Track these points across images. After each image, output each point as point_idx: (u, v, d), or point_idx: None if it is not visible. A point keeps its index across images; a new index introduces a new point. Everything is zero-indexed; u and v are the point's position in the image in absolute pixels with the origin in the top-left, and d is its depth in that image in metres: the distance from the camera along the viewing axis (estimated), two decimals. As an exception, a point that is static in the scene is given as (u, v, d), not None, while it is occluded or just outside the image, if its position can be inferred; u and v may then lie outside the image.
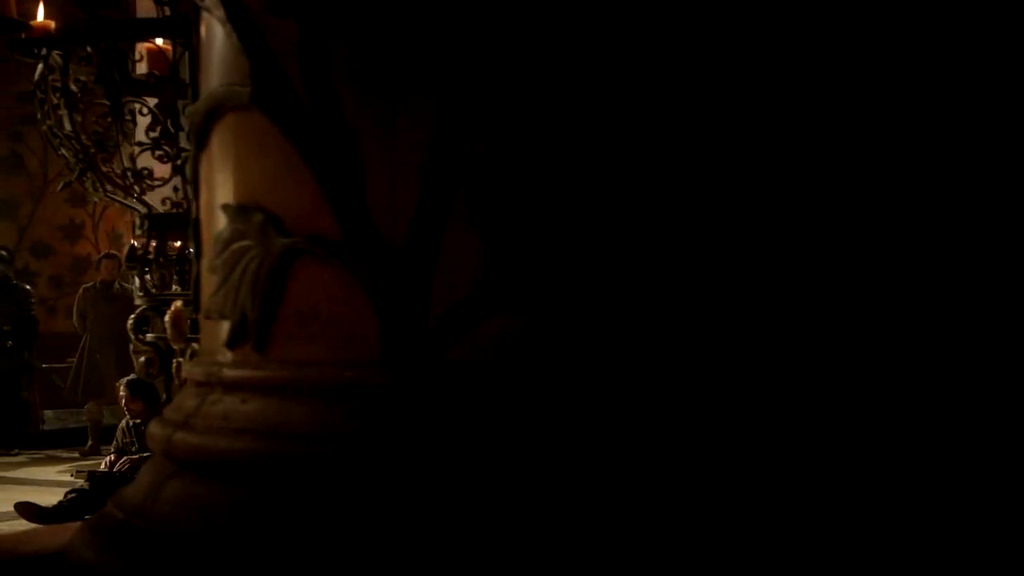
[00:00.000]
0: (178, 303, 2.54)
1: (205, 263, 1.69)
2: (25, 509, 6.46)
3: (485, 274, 1.32)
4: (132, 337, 2.81)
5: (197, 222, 1.73)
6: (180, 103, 2.45)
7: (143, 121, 2.82)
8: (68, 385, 10.59)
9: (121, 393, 7.15)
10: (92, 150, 2.58)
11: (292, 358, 1.46)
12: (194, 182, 1.76)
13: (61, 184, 2.82)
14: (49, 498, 7.29)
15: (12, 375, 10.50)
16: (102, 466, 7.05)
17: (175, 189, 2.72)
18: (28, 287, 10.96)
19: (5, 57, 11.96)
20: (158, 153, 2.60)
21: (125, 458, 6.85)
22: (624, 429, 1.31)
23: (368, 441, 1.35)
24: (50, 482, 8.55)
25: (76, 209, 12.25)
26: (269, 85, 1.46)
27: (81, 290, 10.80)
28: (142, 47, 2.74)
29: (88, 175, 2.59)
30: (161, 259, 2.65)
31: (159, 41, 2.93)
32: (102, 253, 11.86)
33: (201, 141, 1.65)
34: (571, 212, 1.32)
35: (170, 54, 2.74)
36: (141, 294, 2.67)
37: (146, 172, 2.62)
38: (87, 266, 12.21)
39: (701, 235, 1.32)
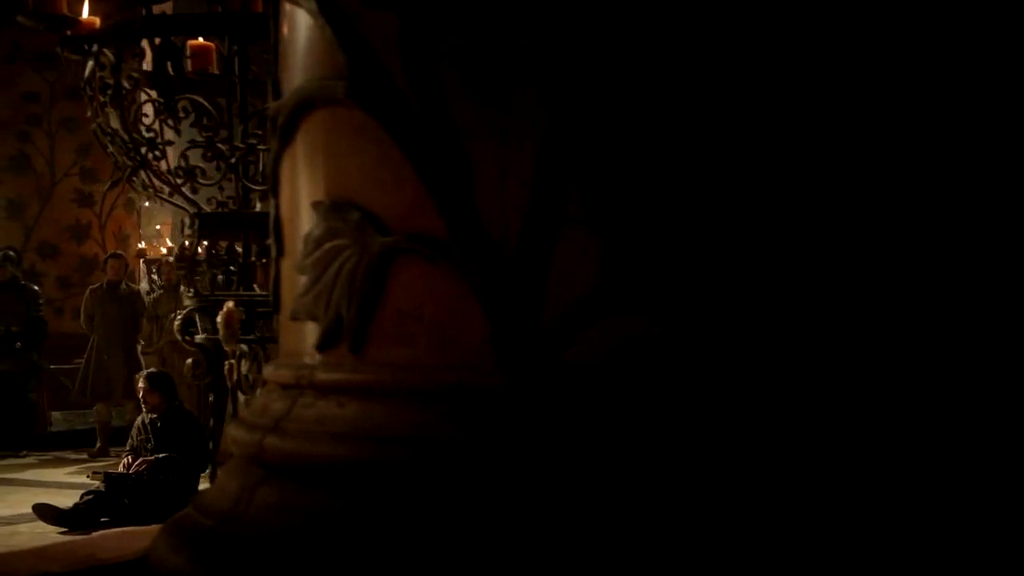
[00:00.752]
0: (230, 304, 2.49)
1: (287, 263, 1.65)
2: (43, 511, 6.43)
3: (602, 274, 1.28)
4: (179, 338, 2.76)
5: (278, 221, 1.69)
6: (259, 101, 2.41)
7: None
8: (76, 387, 10.55)
9: (140, 385, 7.11)
10: (143, 148, 2.53)
11: (391, 360, 1.42)
12: (273, 180, 1.72)
13: (109, 183, 2.76)
14: (61, 500, 7.26)
15: (20, 376, 10.46)
16: (119, 467, 7.01)
17: (220, 188, 2.67)
18: (36, 288, 10.91)
19: (11, 57, 11.99)
20: (209, 152, 2.55)
21: (142, 459, 6.82)
22: (739, 434, 1.27)
23: (478, 446, 1.31)
24: (61, 484, 8.51)
25: (83, 210, 12.21)
26: (367, 79, 1.42)
27: (88, 291, 10.76)
28: (189, 44, 2.68)
29: (139, 174, 2.54)
30: (212, 259, 2.60)
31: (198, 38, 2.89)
32: (108, 253, 11.83)
33: (285, 138, 1.61)
34: (689, 211, 1.28)
35: (213, 51, 2.69)
36: (191, 294, 2.62)
37: (199, 171, 2.58)
38: (94, 267, 12.18)
39: (805, 238, 1.28)
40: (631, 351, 1.29)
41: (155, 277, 12.44)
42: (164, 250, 13.09)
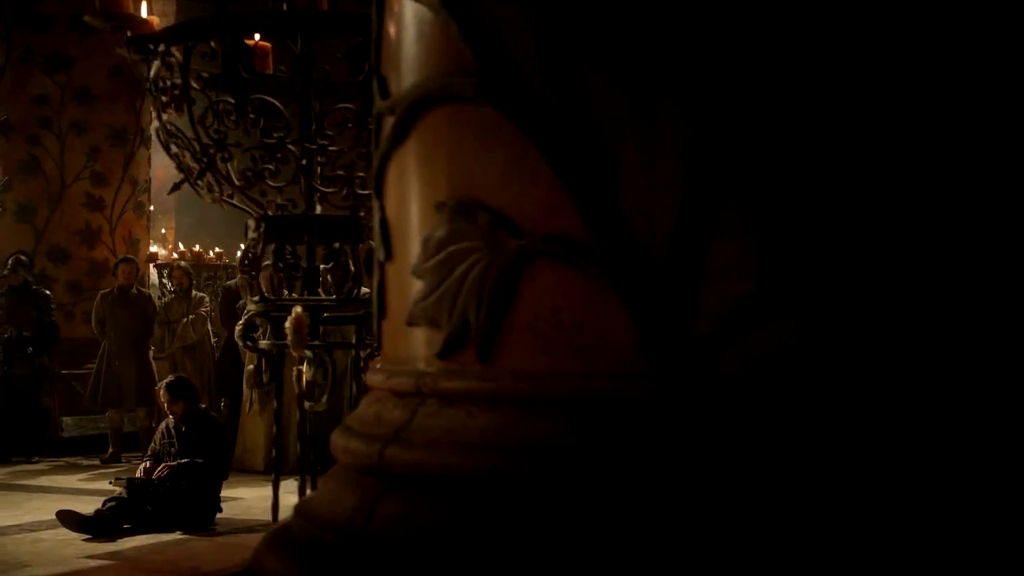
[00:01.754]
0: (298, 308, 2.43)
1: (396, 267, 1.60)
2: (66, 518, 6.36)
3: (761, 277, 1.22)
4: (240, 343, 2.69)
5: (385, 224, 1.63)
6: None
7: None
8: (87, 393, 10.47)
9: (162, 398, 7.04)
10: (212, 150, 2.46)
11: (525, 368, 1.36)
12: (379, 181, 1.66)
13: (172, 185, 2.70)
14: (80, 506, 7.19)
15: (32, 381, 10.38)
16: (137, 472, 6.94)
17: (278, 190, 2.61)
18: (48, 292, 10.84)
19: (23, 58, 11.93)
20: (279, 153, 2.49)
21: (164, 465, 6.75)
22: (899, 442, 1.22)
23: (625, 457, 1.25)
24: (78, 490, 8.44)
25: (93, 214, 12.14)
26: (499, 75, 1.37)
27: (99, 296, 10.68)
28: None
29: (207, 176, 2.48)
30: (280, 263, 2.54)
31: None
32: (119, 258, 11.76)
33: (398, 137, 1.56)
34: (847, 212, 1.23)
35: (270, 52, 2.63)
36: (255, 299, 2.56)
37: (267, 172, 2.51)
38: (104, 271, 12.09)
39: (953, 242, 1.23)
40: (789, 358, 1.24)
41: (166, 281, 12.39)
42: (175, 254, 13.04)
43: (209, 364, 10.45)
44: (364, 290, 2.94)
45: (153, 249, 13.22)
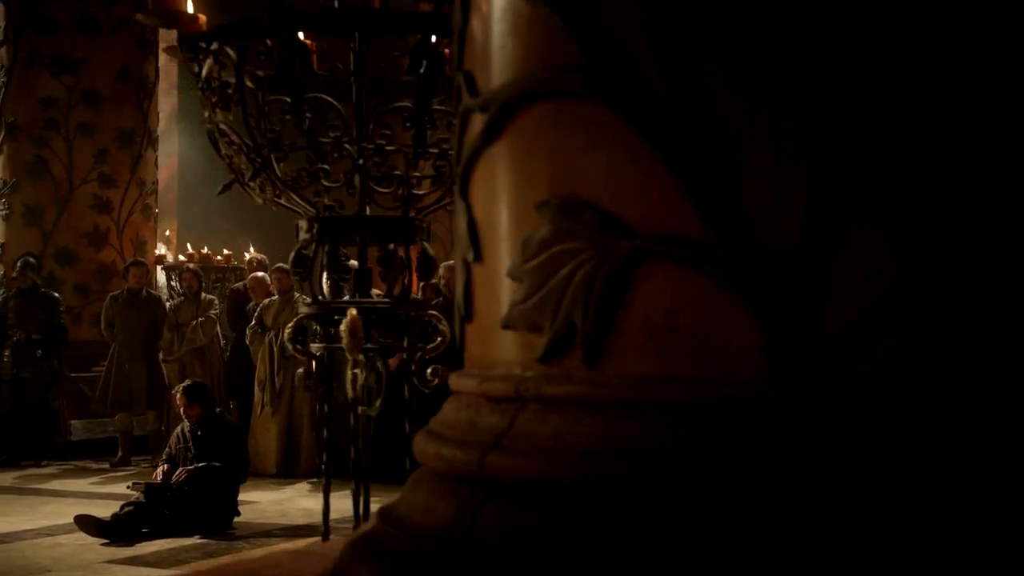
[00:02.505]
0: (353, 311, 2.38)
1: (485, 268, 1.55)
2: (85, 522, 6.31)
3: (896, 278, 1.18)
4: (290, 347, 2.65)
5: (473, 224, 1.59)
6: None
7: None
8: (97, 396, 10.42)
9: (179, 401, 6.99)
10: (266, 150, 2.42)
11: (635, 373, 1.32)
12: (464, 180, 1.62)
13: (221, 186, 2.65)
14: (94, 510, 7.15)
15: (41, 385, 10.33)
16: (155, 476, 6.90)
17: (326, 190, 2.56)
18: (57, 295, 10.79)
19: (29, 61, 11.88)
20: (335, 153, 2.45)
21: (181, 469, 6.70)
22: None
23: (748, 463, 1.21)
24: (90, 494, 8.40)
25: (101, 216, 12.10)
26: (609, 70, 1.32)
27: (108, 298, 10.63)
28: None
29: (260, 176, 2.43)
30: (334, 265, 2.49)
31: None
32: (129, 260, 11.71)
33: (491, 134, 1.51)
34: (980, 210, 1.19)
35: (313, 50, 2.59)
36: (309, 301, 2.51)
37: (322, 172, 2.47)
38: (112, 273, 12.05)
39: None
40: (920, 362, 1.19)
41: (174, 284, 12.34)
42: (182, 256, 12.99)
43: (219, 367, 10.40)
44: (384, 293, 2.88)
45: (161, 251, 13.16)
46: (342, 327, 2.37)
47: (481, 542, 1.37)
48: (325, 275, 2.55)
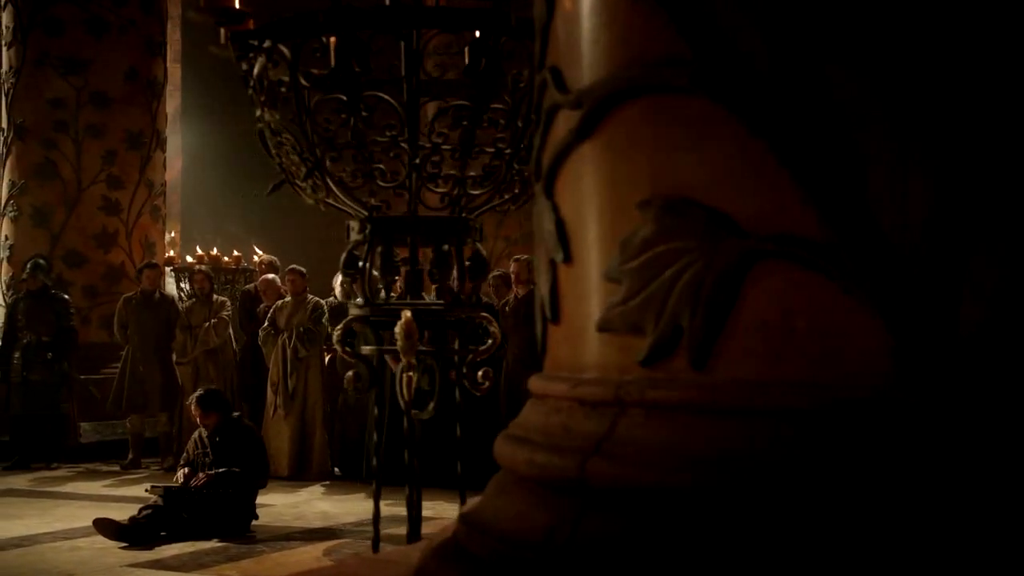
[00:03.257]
0: (408, 313, 2.34)
1: (573, 269, 1.51)
2: (103, 526, 6.27)
3: (1031, 278, 1.14)
4: (339, 349, 2.61)
5: (561, 224, 1.55)
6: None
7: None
8: (111, 398, 10.37)
9: (194, 411, 6.93)
10: (320, 150, 2.38)
11: (747, 377, 1.28)
12: (550, 180, 1.58)
13: (271, 185, 2.61)
14: (106, 512, 7.11)
15: (52, 387, 10.28)
16: (177, 479, 6.85)
17: (370, 192, 2.52)
18: (67, 297, 10.74)
19: (39, 62, 11.83)
20: (393, 152, 2.40)
21: (202, 473, 6.65)
22: None
23: (880, 469, 1.17)
24: (102, 496, 8.36)
25: (110, 217, 12.06)
26: (719, 65, 1.28)
27: (121, 300, 10.59)
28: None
29: (314, 176, 2.39)
30: (387, 266, 2.45)
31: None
32: (138, 262, 11.68)
33: (584, 132, 1.47)
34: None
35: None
36: (360, 303, 2.47)
37: (377, 172, 2.42)
38: (121, 275, 12.01)
39: None
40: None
41: (183, 285, 12.30)
42: (190, 258, 12.95)
43: (231, 369, 10.35)
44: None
45: (171, 253, 13.12)
46: (397, 329, 2.33)
47: (583, 551, 1.33)
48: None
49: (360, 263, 2.47)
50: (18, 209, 11.93)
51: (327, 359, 9.87)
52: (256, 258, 12.38)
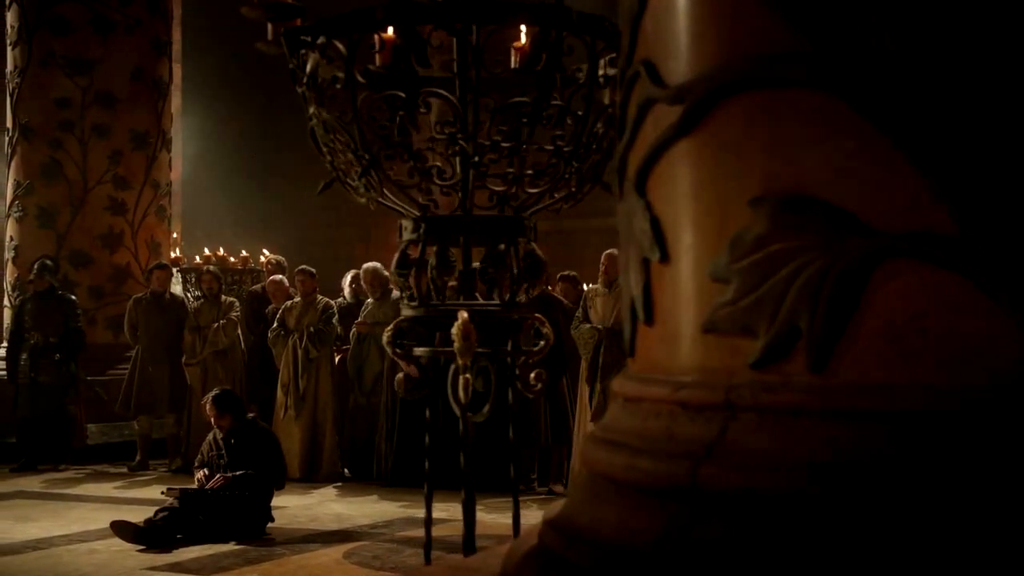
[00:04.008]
0: (465, 314, 2.30)
1: (675, 269, 1.47)
2: (121, 528, 6.22)
3: None
4: (389, 350, 2.56)
5: (656, 222, 1.50)
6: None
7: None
8: (119, 399, 10.30)
9: (208, 411, 6.87)
10: (375, 148, 2.33)
11: (873, 380, 1.23)
12: (641, 177, 1.53)
13: (321, 185, 2.55)
14: (120, 514, 7.06)
15: (59, 388, 10.21)
16: (196, 476, 6.80)
17: (420, 189, 2.47)
18: (74, 297, 10.68)
19: (44, 61, 11.78)
20: (451, 150, 2.36)
21: (219, 475, 6.60)
22: None
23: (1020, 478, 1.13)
24: (113, 498, 8.31)
25: (115, 218, 11.99)
26: (841, 59, 1.24)
27: (131, 300, 10.53)
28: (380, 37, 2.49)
29: (368, 174, 2.34)
30: (442, 266, 2.40)
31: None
32: (153, 263, 11.61)
33: (686, 127, 1.43)
34: None
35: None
36: (414, 303, 2.42)
37: (435, 170, 2.38)
38: (127, 276, 11.95)
39: None
40: None
41: (191, 286, 12.24)
42: (198, 259, 12.90)
43: (240, 370, 10.29)
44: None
45: (176, 254, 13.05)
46: (454, 330, 2.28)
47: (697, 557, 1.29)
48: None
49: (413, 262, 2.42)
50: (23, 209, 11.86)
51: (336, 360, 9.83)
52: (263, 258, 12.33)
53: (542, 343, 2.51)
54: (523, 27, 2.80)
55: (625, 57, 1.61)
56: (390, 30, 2.48)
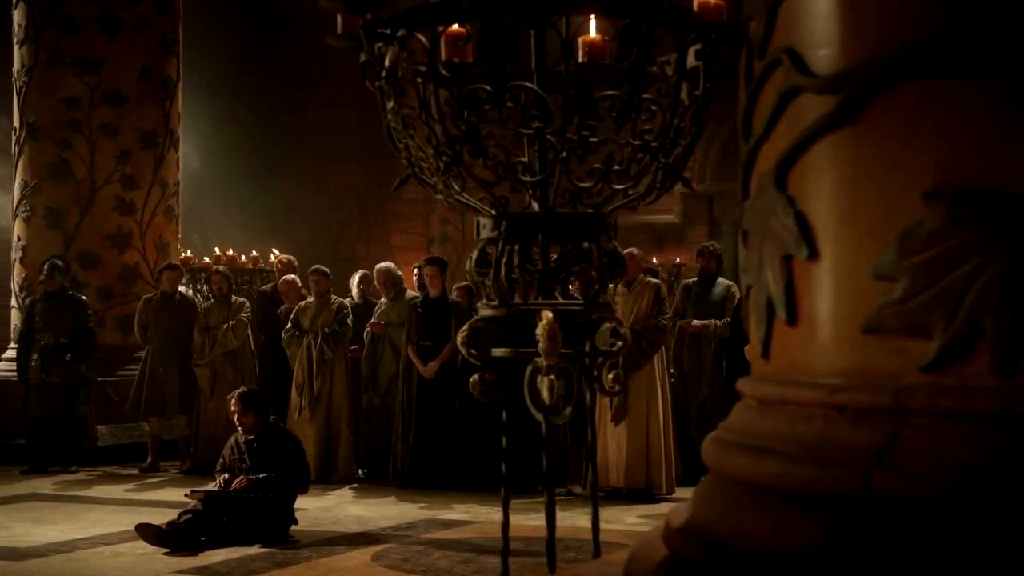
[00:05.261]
0: (550, 314, 2.23)
1: (826, 266, 1.41)
2: (146, 531, 6.14)
3: None
4: (464, 351, 2.49)
5: (803, 217, 1.44)
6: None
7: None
8: (129, 401, 10.20)
9: (232, 408, 6.80)
10: (459, 144, 2.26)
11: (1065, 381, 1.17)
12: (782, 171, 1.47)
13: (397, 181, 2.48)
14: (139, 516, 6.98)
15: (70, 390, 10.11)
16: (211, 485, 6.72)
17: (511, 187, 2.40)
18: (84, 298, 10.58)
19: (52, 60, 11.69)
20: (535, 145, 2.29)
21: (242, 477, 6.53)
22: None
23: None
24: (128, 500, 8.23)
25: (124, 218, 11.88)
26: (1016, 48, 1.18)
27: (142, 301, 10.43)
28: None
29: (451, 170, 2.27)
30: (526, 265, 2.33)
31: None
32: (163, 264, 11.52)
33: (843, 117, 1.37)
34: None
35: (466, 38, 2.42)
36: (495, 303, 2.35)
37: (520, 166, 2.31)
38: (135, 276, 11.85)
39: None
40: None
41: (202, 287, 12.15)
42: (207, 259, 12.81)
43: (250, 371, 10.21)
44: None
45: (188, 254, 12.96)
46: (539, 331, 2.22)
47: (872, 569, 1.23)
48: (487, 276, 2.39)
49: (492, 261, 2.36)
50: (31, 210, 11.75)
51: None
52: (273, 258, 12.25)
53: (619, 343, 2.45)
54: (592, 20, 2.74)
55: (759, 46, 1.55)
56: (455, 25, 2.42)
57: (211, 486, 6.74)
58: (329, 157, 18.19)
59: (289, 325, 9.57)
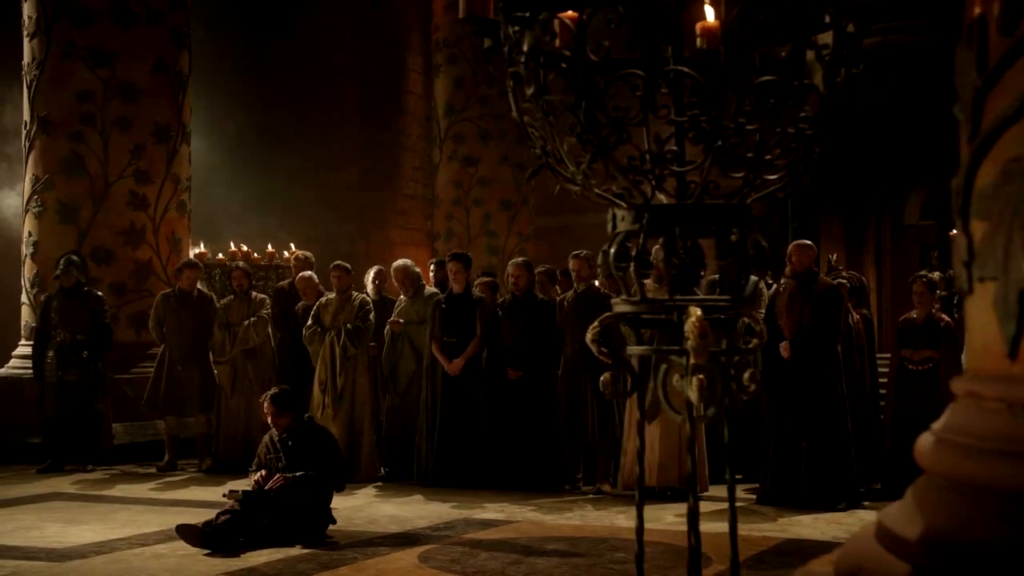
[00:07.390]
0: (697, 311, 2.14)
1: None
2: (186, 532, 6.03)
3: None
4: (595, 349, 2.39)
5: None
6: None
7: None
8: (145, 399, 10.07)
9: (266, 410, 6.67)
10: (606, 132, 2.16)
11: None
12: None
13: (529, 173, 2.38)
14: (163, 517, 6.89)
15: (86, 387, 9.98)
16: (247, 484, 6.61)
17: (648, 175, 2.29)
18: (100, 294, 10.45)
19: (67, 53, 11.56)
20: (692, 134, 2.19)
21: (279, 475, 6.42)
22: None
23: None
24: (153, 500, 8.14)
25: (137, 213, 11.75)
26: None
27: (158, 297, 10.32)
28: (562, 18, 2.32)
29: (596, 161, 2.17)
30: (673, 259, 2.23)
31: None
32: (175, 259, 11.41)
33: None
34: None
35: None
36: (635, 300, 2.25)
37: (670, 155, 2.20)
38: (149, 272, 11.72)
39: None
40: None
41: (215, 283, 12.03)
42: (221, 255, 12.68)
43: (270, 369, 10.09)
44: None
45: (201, 249, 12.83)
46: (687, 328, 2.12)
47: None
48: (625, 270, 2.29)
49: (634, 256, 2.25)
50: (43, 205, 11.60)
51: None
52: (288, 254, 12.12)
53: (755, 341, 2.35)
54: (708, 6, 2.65)
55: (1006, 22, 1.45)
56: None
57: (246, 484, 6.63)
58: (329, 154, 18.10)
59: (310, 322, 9.46)
